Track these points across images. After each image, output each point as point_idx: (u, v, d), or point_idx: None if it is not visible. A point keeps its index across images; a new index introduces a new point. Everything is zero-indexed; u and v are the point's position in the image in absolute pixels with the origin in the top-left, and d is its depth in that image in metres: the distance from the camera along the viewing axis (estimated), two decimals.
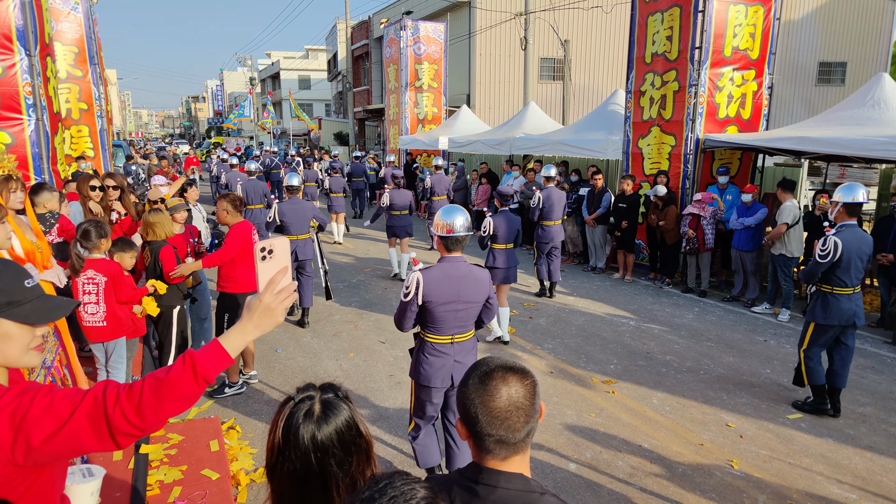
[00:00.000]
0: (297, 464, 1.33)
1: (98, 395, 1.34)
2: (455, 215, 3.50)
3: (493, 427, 1.35)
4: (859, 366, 5.98)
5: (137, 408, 1.32)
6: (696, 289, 8.68)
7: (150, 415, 1.32)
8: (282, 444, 1.33)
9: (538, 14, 18.31)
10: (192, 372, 1.33)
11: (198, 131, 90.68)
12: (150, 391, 1.32)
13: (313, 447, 1.32)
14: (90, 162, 10.26)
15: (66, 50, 10.77)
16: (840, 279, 4.76)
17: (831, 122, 7.72)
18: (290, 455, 1.33)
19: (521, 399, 1.36)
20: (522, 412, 1.36)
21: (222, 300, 5.30)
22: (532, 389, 1.39)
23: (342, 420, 1.36)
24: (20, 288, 1.43)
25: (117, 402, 1.32)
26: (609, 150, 10.34)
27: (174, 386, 1.32)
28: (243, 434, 4.58)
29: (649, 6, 9.39)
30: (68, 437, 1.31)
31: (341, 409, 1.37)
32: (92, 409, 1.32)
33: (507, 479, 1.35)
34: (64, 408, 1.32)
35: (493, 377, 1.38)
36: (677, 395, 5.33)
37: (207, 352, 1.36)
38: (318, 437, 1.32)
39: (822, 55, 24.23)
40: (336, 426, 1.34)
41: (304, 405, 1.35)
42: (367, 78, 31.96)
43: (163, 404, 1.32)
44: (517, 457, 1.38)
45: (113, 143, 17.01)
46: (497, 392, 1.36)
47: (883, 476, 4.07)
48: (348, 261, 10.89)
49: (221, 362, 1.37)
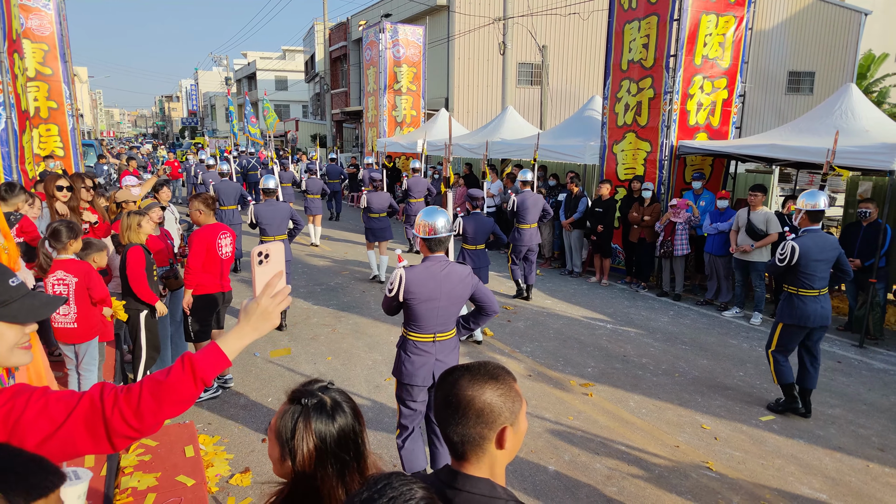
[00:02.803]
0: (340, 457, 1.44)
1: (95, 397, 1.34)
2: (436, 216, 3.56)
3: (439, 422, 1.38)
4: (828, 368, 6.13)
5: (136, 410, 1.32)
6: (671, 292, 8.82)
7: (149, 417, 1.33)
8: (318, 450, 1.41)
9: (516, 19, 18.43)
10: (192, 374, 1.34)
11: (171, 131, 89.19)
12: (149, 393, 1.33)
13: (342, 436, 1.45)
14: (59, 161, 10.02)
15: (35, 47, 10.51)
16: (803, 281, 4.91)
17: (803, 130, 7.91)
18: (331, 453, 1.43)
19: (461, 399, 1.32)
20: (455, 412, 1.33)
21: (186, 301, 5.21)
22: (477, 399, 1.32)
23: (347, 406, 1.49)
24: (6, 287, 1.40)
25: (115, 404, 1.32)
26: (586, 155, 10.45)
27: (174, 388, 1.33)
28: (219, 439, 4.50)
29: (627, 14, 9.52)
30: (63, 440, 1.30)
31: (335, 396, 1.49)
32: (88, 411, 1.32)
33: (473, 484, 1.32)
34: (59, 410, 1.31)
35: (453, 373, 1.38)
36: (653, 397, 5.40)
37: (206, 354, 1.37)
38: (342, 424, 1.46)
39: (792, 65, 24.85)
40: (349, 410, 1.49)
41: (317, 406, 1.44)
42: (345, 80, 31.81)
43: (162, 406, 1.33)
44: (478, 462, 1.34)
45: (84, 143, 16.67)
46: (442, 386, 1.38)
47: (852, 476, 4.18)
48: (325, 263, 10.81)
49: (220, 365, 1.39)
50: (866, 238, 6.89)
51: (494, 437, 1.33)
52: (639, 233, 9.02)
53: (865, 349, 6.76)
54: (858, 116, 7.58)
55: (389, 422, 4.84)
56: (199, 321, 5.19)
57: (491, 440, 1.33)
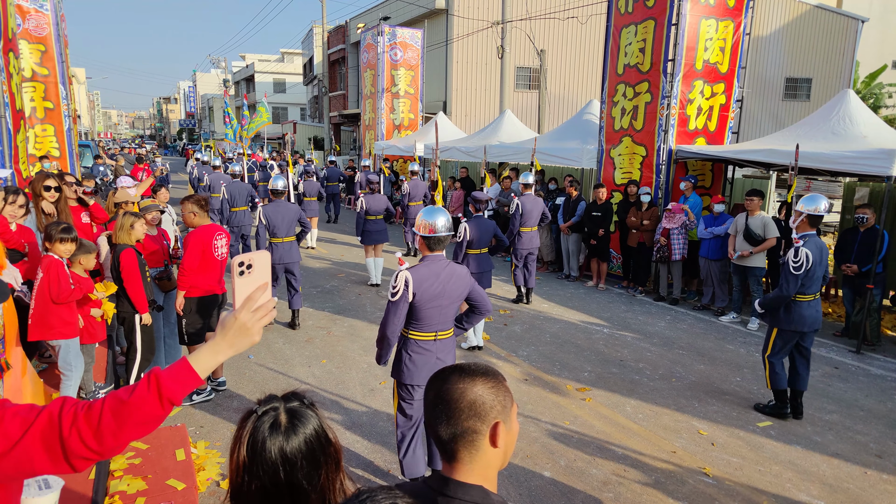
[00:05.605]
0: (266, 481, 1.24)
1: (54, 414, 1.22)
2: (437, 216, 3.61)
3: (430, 423, 1.32)
4: (825, 374, 6.11)
5: (96, 430, 1.20)
6: (668, 297, 8.79)
7: (109, 439, 1.20)
8: (248, 461, 1.24)
9: (515, 23, 18.46)
10: (157, 394, 1.22)
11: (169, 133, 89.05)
12: (110, 413, 1.20)
13: (282, 461, 1.24)
14: (55, 162, 9.98)
15: (32, 48, 10.47)
16: (802, 287, 4.88)
17: (800, 136, 7.91)
18: (257, 472, 1.24)
19: (451, 394, 1.30)
20: (446, 408, 1.30)
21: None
22: (468, 391, 1.30)
23: (310, 429, 1.29)
24: None
25: (74, 423, 1.20)
26: (584, 159, 10.44)
27: (137, 408, 1.21)
28: (211, 443, 4.45)
29: (624, 18, 9.52)
30: (19, 458, 1.19)
31: (309, 418, 1.30)
32: (46, 429, 1.20)
33: (465, 491, 1.28)
34: (15, 427, 1.19)
35: (444, 371, 1.36)
36: (650, 402, 5.37)
37: (174, 372, 1.25)
38: (287, 449, 1.25)
39: (789, 71, 24.92)
40: (305, 436, 1.27)
41: (269, 417, 1.27)
42: (343, 83, 31.80)
43: (123, 428, 1.21)
44: (470, 462, 1.30)
45: (80, 144, 16.60)
46: (433, 384, 1.34)
47: (849, 483, 4.15)
48: (322, 265, 10.77)
49: (189, 384, 1.26)
50: (864, 243, 6.87)
51: (488, 433, 1.29)
52: (637, 237, 9.00)
53: (863, 355, 6.74)
54: (856, 122, 7.58)
55: (384, 426, 4.79)
56: (193, 323, 5.13)
57: (484, 435, 1.29)
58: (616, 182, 9.80)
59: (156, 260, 5.33)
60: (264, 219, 6.93)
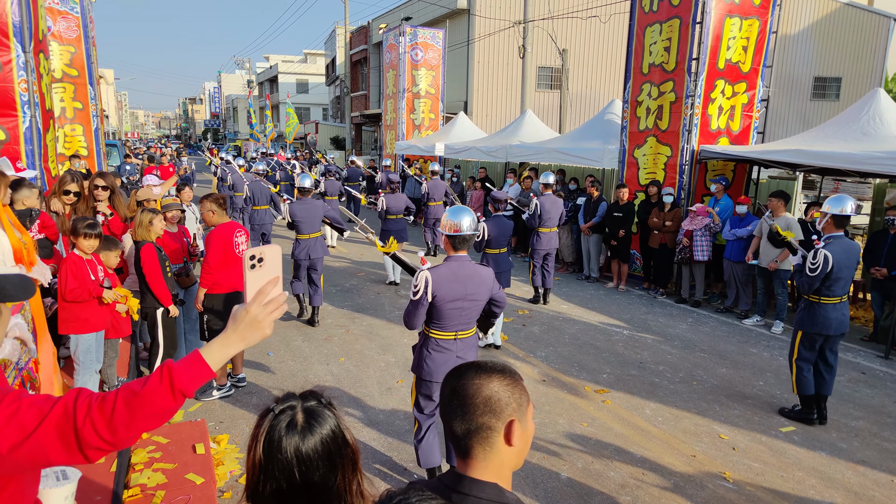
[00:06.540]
0: (281, 481, 1.24)
1: (69, 405, 1.23)
2: (462, 215, 3.64)
3: (445, 418, 1.33)
4: (852, 380, 5.96)
5: (109, 422, 1.21)
6: (690, 299, 8.67)
7: (122, 430, 1.22)
8: (264, 461, 1.24)
9: (537, 23, 18.36)
10: (170, 385, 1.24)
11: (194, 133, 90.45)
12: (123, 404, 1.22)
13: (297, 461, 1.23)
14: (84, 161, 10.19)
15: (62, 49, 10.71)
16: (828, 289, 4.77)
17: (828, 136, 7.74)
18: (273, 472, 1.24)
19: (467, 389, 1.30)
20: (461, 403, 1.30)
21: (204, 300, 5.23)
22: (484, 387, 1.30)
23: (327, 429, 1.27)
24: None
25: (88, 414, 1.21)
26: (605, 160, 10.34)
27: (149, 400, 1.23)
28: (231, 437, 4.51)
29: (648, 17, 9.42)
30: (33, 449, 1.20)
31: (326, 418, 1.29)
32: (61, 420, 1.21)
33: (480, 489, 1.27)
34: (31, 417, 1.21)
35: (460, 367, 1.37)
36: (670, 405, 5.30)
37: (187, 364, 1.27)
38: (303, 449, 1.24)
39: (818, 70, 24.42)
40: (321, 436, 1.26)
41: (286, 416, 1.26)
42: (364, 83, 31.98)
43: (136, 419, 1.22)
44: (485, 459, 1.29)
45: (107, 143, 16.95)
46: (449, 380, 1.35)
47: (875, 491, 4.04)
48: (342, 265, 10.84)
49: (201, 376, 1.28)
50: (893, 247, 6.69)
51: (502, 430, 1.28)
52: (660, 238, 8.89)
53: (891, 360, 6.56)
54: (887, 122, 7.38)
55: (401, 424, 4.81)
56: (215, 320, 5.19)
57: (499, 432, 1.28)
58: (640, 182, 9.70)
59: (176, 258, 5.42)
60: (290, 216, 7.04)
